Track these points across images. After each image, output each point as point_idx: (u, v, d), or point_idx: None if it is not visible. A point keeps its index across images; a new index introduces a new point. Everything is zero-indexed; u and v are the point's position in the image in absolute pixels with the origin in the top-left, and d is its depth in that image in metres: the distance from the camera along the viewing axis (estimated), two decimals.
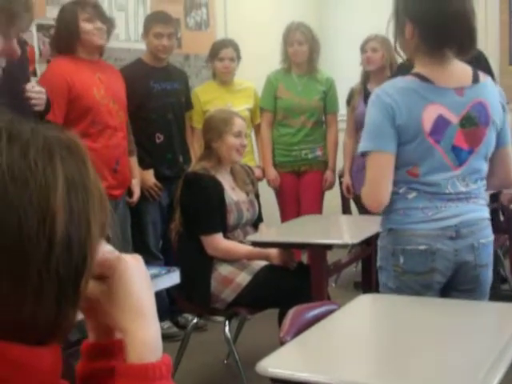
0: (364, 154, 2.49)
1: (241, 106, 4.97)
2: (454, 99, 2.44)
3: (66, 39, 3.95)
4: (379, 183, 2.44)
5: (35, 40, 4.20)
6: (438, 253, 2.45)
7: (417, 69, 2.49)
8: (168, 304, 4.54)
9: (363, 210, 4.98)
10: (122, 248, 1.03)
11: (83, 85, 3.92)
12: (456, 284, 2.53)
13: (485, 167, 2.54)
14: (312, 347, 2.05)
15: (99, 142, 3.94)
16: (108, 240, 1.02)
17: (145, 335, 0.96)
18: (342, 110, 5.39)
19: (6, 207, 0.84)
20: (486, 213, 2.57)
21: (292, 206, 5.17)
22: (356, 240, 3.42)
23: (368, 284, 4.13)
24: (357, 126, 5.09)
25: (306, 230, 3.90)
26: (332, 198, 5.50)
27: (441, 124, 2.42)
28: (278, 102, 5.14)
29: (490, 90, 2.53)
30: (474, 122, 2.46)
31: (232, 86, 5.04)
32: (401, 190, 2.48)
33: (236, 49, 4.99)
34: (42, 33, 4.25)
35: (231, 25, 5.77)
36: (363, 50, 5.02)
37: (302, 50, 5.07)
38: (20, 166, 0.86)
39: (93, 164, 0.95)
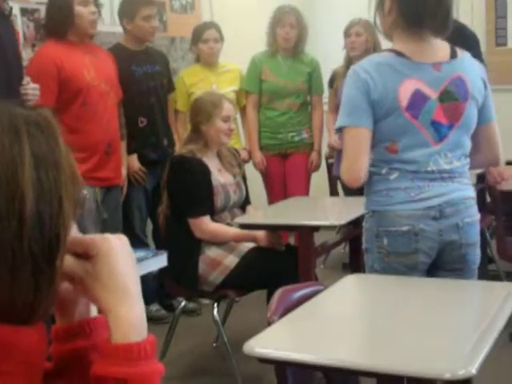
0: (340, 130, 2.49)
1: (226, 87, 4.95)
2: (432, 74, 2.45)
3: (58, 23, 3.96)
4: (356, 158, 2.44)
5: (20, 24, 4.17)
6: (422, 233, 2.45)
7: (394, 45, 2.50)
8: (156, 286, 4.54)
9: (349, 191, 5.01)
10: (114, 231, 1.03)
11: (73, 67, 3.93)
12: (442, 263, 2.54)
13: (468, 144, 2.54)
14: (299, 327, 2.06)
15: (91, 124, 3.96)
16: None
17: (129, 315, 0.96)
18: (326, 91, 5.38)
19: None
20: (470, 192, 2.57)
21: (279, 188, 5.17)
22: (343, 221, 3.43)
23: (356, 265, 4.14)
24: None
25: (293, 212, 3.90)
26: (319, 180, 5.51)
27: (418, 99, 2.43)
28: (262, 85, 5.12)
29: (469, 65, 2.53)
30: (453, 97, 2.46)
31: (217, 68, 5.03)
32: (383, 171, 2.48)
33: (218, 30, 4.98)
34: (26, 17, 4.22)
35: (216, 7, 5.75)
36: (347, 34, 5.01)
37: (292, 32, 5.04)
38: None
39: (81, 145, 0.96)
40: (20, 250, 0.86)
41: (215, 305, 3.68)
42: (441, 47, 2.51)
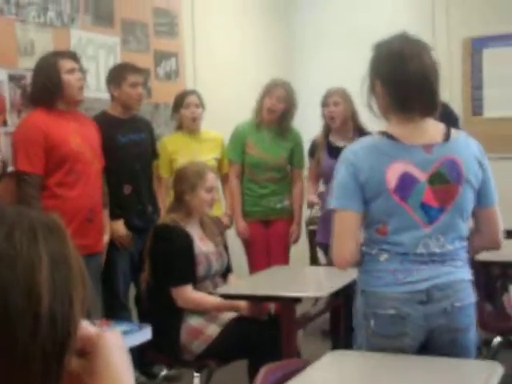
0: (332, 211, 2.51)
1: (208, 155, 5.01)
2: (422, 156, 2.45)
3: (47, 92, 4.02)
4: (343, 241, 2.46)
5: (6, 90, 4.22)
6: (408, 318, 2.43)
7: (387, 127, 2.52)
8: (137, 353, 4.51)
9: (329, 258, 5.04)
10: (94, 300, 1.05)
11: (59, 134, 3.97)
12: (433, 348, 2.48)
13: (462, 226, 2.51)
14: None
15: (74, 191, 3.99)
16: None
17: None
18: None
19: None
20: (464, 274, 2.53)
21: (261, 255, 5.16)
22: (324, 293, 3.47)
23: (336, 334, 4.17)
24: (324, 178, 5.14)
25: (274, 282, 3.92)
26: (300, 246, 5.53)
27: (407, 181, 2.43)
28: (245, 157, 5.18)
29: (463, 147, 2.51)
30: (444, 179, 2.45)
31: (199, 135, 5.08)
32: (373, 251, 2.49)
33: (199, 96, 5.06)
34: (13, 83, 4.27)
35: (200, 75, 5.84)
36: (325, 104, 5.04)
37: (279, 105, 5.10)
38: (6, 248, 0.90)
39: (62, 211, 1.00)
40: (33, 348, 0.88)
41: (196, 374, 3.67)
42: (433, 129, 2.52)
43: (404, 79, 2.44)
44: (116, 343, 1.04)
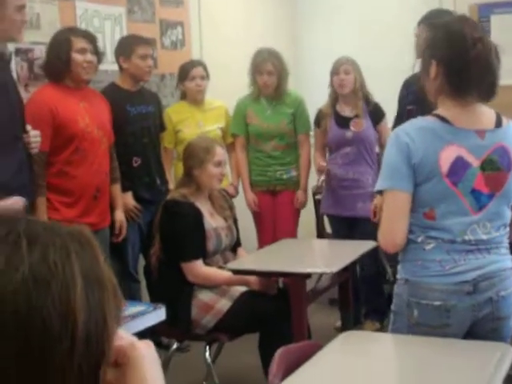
0: (380, 193, 2.47)
1: (212, 125, 5.03)
2: (475, 142, 2.41)
3: (55, 68, 4.02)
4: (394, 223, 2.41)
5: (13, 64, 4.19)
6: (453, 309, 2.40)
7: (439, 110, 2.46)
8: None
9: (338, 230, 5.05)
10: None
11: (68, 113, 3.96)
12: (475, 336, 2.45)
13: (508, 213, 2.49)
14: None
15: (81, 169, 3.98)
16: None
17: None
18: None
19: (30, 312, 0.88)
20: (508, 262, 2.50)
21: (268, 225, 5.19)
22: (334, 268, 3.48)
23: (345, 305, 4.20)
24: (330, 148, 5.13)
25: (284, 257, 3.94)
26: (307, 217, 5.53)
27: (459, 166, 2.39)
28: (248, 128, 5.19)
29: None
30: (495, 166, 2.42)
31: (203, 105, 5.08)
32: (419, 239, 2.44)
33: (205, 68, 5.05)
34: (19, 57, 4.25)
35: (206, 44, 5.81)
36: (335, 72, 5.00)
37: (271, 79, 5.09)
38: (41, 271, 0.90)
39: (69, 189, 0.99)
40: (70, 369, 0.89)
41: (207, 347, 3.72)
42: (486, 114, 2.47)
43: (466, 63, 2.36)
44: (149, 355, 1.06)
